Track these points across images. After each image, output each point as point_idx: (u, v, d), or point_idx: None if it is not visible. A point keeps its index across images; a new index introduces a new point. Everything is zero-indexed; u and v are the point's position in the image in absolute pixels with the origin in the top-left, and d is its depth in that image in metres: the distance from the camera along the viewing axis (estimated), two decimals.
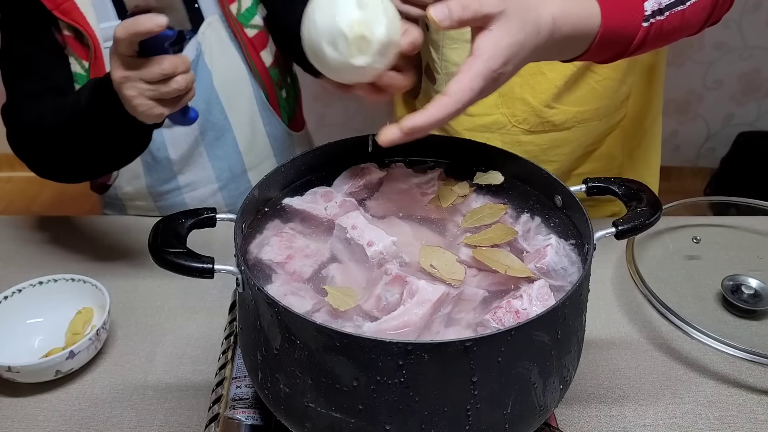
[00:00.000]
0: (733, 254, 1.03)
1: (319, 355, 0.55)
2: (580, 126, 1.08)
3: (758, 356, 0.80)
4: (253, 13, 1.11)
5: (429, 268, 0.64)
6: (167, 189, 1.17)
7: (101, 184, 1.19)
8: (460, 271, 0.64)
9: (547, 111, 1.06)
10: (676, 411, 0.81)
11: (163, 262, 0.61)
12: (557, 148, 1.11)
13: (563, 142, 1.10)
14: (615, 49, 0.73)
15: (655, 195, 0.70)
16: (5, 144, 1.02)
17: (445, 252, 0.66)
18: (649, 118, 1.17)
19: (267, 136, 1.20)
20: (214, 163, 1.17)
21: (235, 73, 1.12)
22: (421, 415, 0.56)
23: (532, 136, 1.09)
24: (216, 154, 1.16)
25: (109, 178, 1.16)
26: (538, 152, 1.11)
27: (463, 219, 0.73)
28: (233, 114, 1.14)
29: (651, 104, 1.16)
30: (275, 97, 1.18)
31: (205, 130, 1.13)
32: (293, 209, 0.75)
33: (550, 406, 0.63)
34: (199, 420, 0.79)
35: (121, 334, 0.92)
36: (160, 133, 1.11)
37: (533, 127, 1.08)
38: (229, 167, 1.18)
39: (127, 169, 1.14)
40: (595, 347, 0.89)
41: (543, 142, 1.10)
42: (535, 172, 0.75)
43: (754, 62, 2.62)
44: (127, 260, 1.04)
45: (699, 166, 2.90)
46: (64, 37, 1.00)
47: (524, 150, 1.11)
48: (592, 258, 0.63)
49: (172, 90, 0.77)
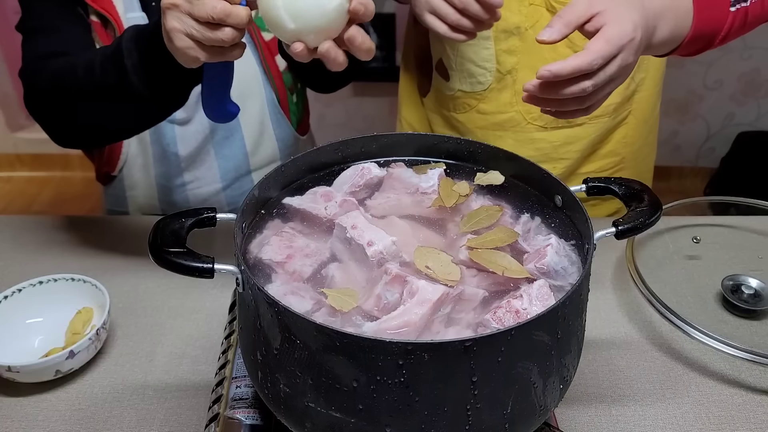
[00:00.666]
0: (733, 254, 1.03)
1: (319, 355, 0.55)
2: (591, 123, 1.10)
3: (758, 356, 0.80)
4: None
5: (424, 269, 0.64)
6: (172, 184, 1.17)
7: (106, 174, 1.19)
8: (456, 272, 0.64)
9: None
10: (676, 411, 0.81)
11: (163, 261, 0.61)
12: (569, 145, 1.12)
13: (575, 139, 1.12)
14: (707, 33, 0.84)
15: (655, 195, 0.70)
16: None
17: (440, 253, 0.66)
18: (652, 116, 1.19)
19: (275, 139, 1.20)
20: (220, 162, 1.17)
21: (249, 74, 1.13)
22: (421, 415, 0.56)
23: (545, 133, 1.10)
24: (223, 153, 1.17)
25: (114, 168, 1.16)
26: (550, 149, 1.12)
27: (461, 223, 0.72)
28: (244, 115, 1.15)
29: (655, 102, 1.18)
30: (286, 101, 1.19)
31: (214, 128, 1.14)
32: (293, 209, 0.75)
33: (550, 406, 0.63)
34: (199, 420, 0.79)
35: (121, 334, 0.92)
36: (171, 128, 1.11)
37: (547, 123, 1.10)
38: (235, 167, 1.19)
39: (137, 159, 1.14)
40: (595, 347, 0.89)
41: (555, 139, 1.11)
42: (535, 172, 0.75)
43: (754, 62, 2.62)
44: (127, 260, 1.04)
45: (699, 166, 2.90)
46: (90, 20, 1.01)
47: (536, 147, 1.12)
48: (592, 258, 0.63)
49: (216, 38, 0.70)
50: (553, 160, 1.14)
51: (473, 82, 1.10)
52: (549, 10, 1.01)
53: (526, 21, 1.02)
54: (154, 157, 1.14)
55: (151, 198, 1.19)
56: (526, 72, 1.06)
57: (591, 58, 0.71)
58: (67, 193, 2.92)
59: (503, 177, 0.78)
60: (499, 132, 1.13)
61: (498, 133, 1.13)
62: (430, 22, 0.92)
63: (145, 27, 0.81)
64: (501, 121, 1.11)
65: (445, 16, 0.90)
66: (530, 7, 1.01)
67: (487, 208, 0.74)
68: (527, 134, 1.11)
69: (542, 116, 1.08)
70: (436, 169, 0.80)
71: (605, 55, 0.72)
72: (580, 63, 0.71)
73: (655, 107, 1.19)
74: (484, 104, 1.11)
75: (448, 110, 1.17)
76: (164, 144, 1.12)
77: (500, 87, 1.09)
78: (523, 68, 1.06)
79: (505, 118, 1.11)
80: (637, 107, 1.14)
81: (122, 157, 1.14)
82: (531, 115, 1.09)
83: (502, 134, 1.13)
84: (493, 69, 1.07)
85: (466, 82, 1.11)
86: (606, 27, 0.73)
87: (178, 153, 1.13)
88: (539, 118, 1.09)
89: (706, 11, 0.82)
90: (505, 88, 1.09)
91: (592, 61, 0.71)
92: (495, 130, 1.13)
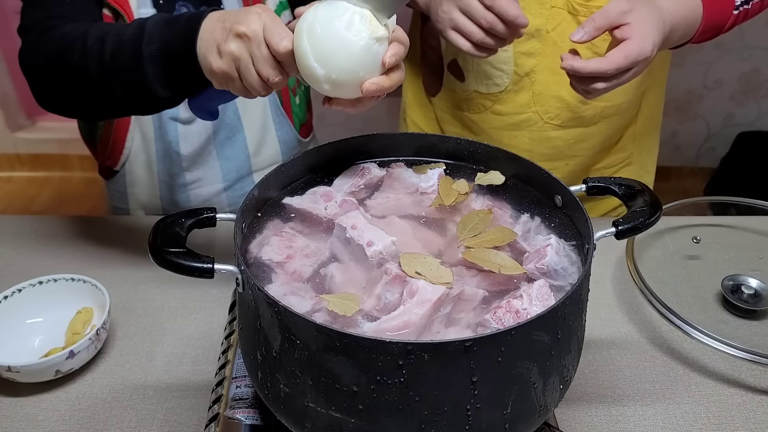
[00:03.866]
0: (733, 254, 1.03)
1: (319, 355, 0.55)
2: (605, 121, 1.12)
3: (758, 356, 0.80)
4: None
5: (415, 275, 0.64)
6: (174, 183, 1.17)
7: (108, 168, 1.18)
8: (447, 274, 0.64)
9: (580, 106, 1.08)
10: (676, 411, 0.81)
11: (163, 262, 0.61)
12: (582, 143, 1.13)
13: (588, 137, 1.13)
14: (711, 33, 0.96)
15: (655, 195, 0.70)
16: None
17: (425, 257, 0.66)
18: (658, 112, 1.21)
19: (277, 141, 1.20)
20: (222, 163, 1.17)
21: None
22: (421, 415, 0.56)
23: (561, 131, 1.11)
24: (225, 153, 1.16)
25: (117, 163, 1.16)
26: (565, 147, 1.13)
27: (458, 230, 0.72)
28: (246, 115, 1.14)
29: (660, 98, 1.21)
30: (289, 102, 1.19)
31: (217, 129, 1.14)
32: (293, 209, 0.75)
33: (550, 406, 0.63)
34: (199, 420, 0.79)
35: (121, 334, 0.92)
36: (174, 126, 1.11)
37: (564, 122, 1.10)
38: (236, 168, 1.18)
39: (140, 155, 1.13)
40: (595, 347, 0.89)
41: (570, 137, 1.12)
42: (535, 172, 0.75)
43: (754, 62, 2.62)
44: (127, 260, 1.04)
45: (699, 166, 2.90)
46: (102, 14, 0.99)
47: (552, 145, 1.13)
48: (592, 258, 0.63)
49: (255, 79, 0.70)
50: (567, 157, 1.14)
51: (489, 84, 1.10)
52: (570, 13, 1.01)
53: (548, 23, 1.02)
54: (157, 155, 1.14)
55: (153, 196, 1.19)
56: (544, 74, 1.06)
57: (608, 66, 0.83)
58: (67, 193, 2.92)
59: (504, 177, 0.78)
60: (514, 132, 1.13)
61: (514, 133, 1.13)
62: (454, 39, 0.91)
63: (175, 20, 0.77)
64: (517, 122, 1.12)
65: (470, 35, 0.89)
66: (552, 10, 1.01)
67: (479, 212, 0.73)
68: (543, 133, 1.12)
69: (559, 115, 1.09)
70: (436, 169, 0.80)
71: (621, 67, 0.83)
72: (598, 68, 0.84)
73: (660, 103, 1.21)
74: (500, 105, 1.11)
75: (461, 110, 1.17)
76: (167, 141, 1.12)
77: (517, 89, 1.08)
78: (542, 70, 1.06)
79: (522, 118, 1.11)
80: (645, 104, 1.17)
81: (125, 151, 1.14)
82: (548, 114, 1.10)
83: (517, 134, 1.13)
84: (510, 71, 1.07)
85: (482, 83, 1.10)
86: (629, 42, 0.83)
87: (180, 152, 1.13)
88: (556, 117, 1.10)
89: (712, 17, 0.94)
90: (522, 90, 1.08)
91: (608, 70, 0.83)
92: (510, 129, 1.13)
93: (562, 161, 1.15)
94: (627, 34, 0.84)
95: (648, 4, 0.87)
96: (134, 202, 1.20)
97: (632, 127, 1.17)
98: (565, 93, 1.06)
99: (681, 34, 0.93)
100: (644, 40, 0.84)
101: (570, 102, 1.08)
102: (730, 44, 2.55)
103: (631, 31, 0.84)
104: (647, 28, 0.84)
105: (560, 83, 1.06)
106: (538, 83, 1.07)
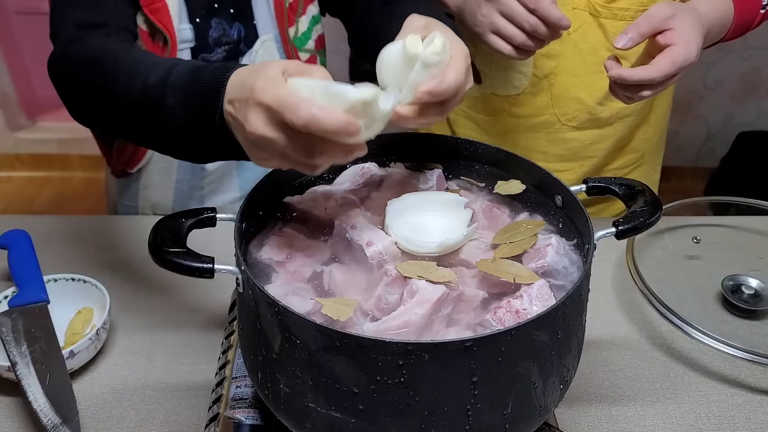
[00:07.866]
0: (733, 254, 1.03)
1: (319, 355, 0.55)
2: (620, 121, 1.12)
3: (758, 356, 0.80)
4: (308, 37, 1.11)
5: (417, 278, 0.63)
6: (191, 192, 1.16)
7: (121, 170, 1.18)
8: (448, 273, 0.64)
9: (598, 108, 1.09)
10: (676, 411, 0.81)
11: (163, 262, 0.61)
12: (598, 143, 1.13)
13: (604, 138, 1.13)
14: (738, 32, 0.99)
15: (656, 195, 0.70)
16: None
17: (421, 262, 0.66)
18: (668, 112, 1.21)
19: None
20: (240, 173, 1.17)
21: None
22: (421, 415, 0.56)
23: (578, 132, 1.12)
24: (245, 164, 1.16)
25: (133, 167, 1.15)
26: (580, 148, 1.14)
27: (495, 235, 0.71)
28: None
29: (671, 99, 1.21)
30: None
31: None
32: (293, 209, 0.75)
33: (550, 406, 0.63)
34: (199, 420, 0.79)
35: (121, 334, 0.92)
36: None
37: (581, 124, 1.11)
38: (254, 179, 1.17)
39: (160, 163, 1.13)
40: (595, 347, 0.89)
41: (586, 138, 1.12)
42: (535, 171, 0.75)
43: (754, 62, 2.62)
44: (127, 260, 1.04)
45: (699, 166, 2.90)
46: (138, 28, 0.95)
47: (568, 146, 1.13)
48: (592, 258, 0.63)
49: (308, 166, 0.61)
50: (582, 158, 1.15)
51: (507, 86, 1.10)
52: (592, 14, 1.01)
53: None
54: (180, 165, 1.13)
55: (166, 199, 1.19)
56: (564, 76, 1.06)
57: (656, 74, 0.82)
58: (67, 193, 2.92)
59: (524, 186, 0.77)
60: (531, 134, 1.13)
61: (530, 135, 1.13)
62: (494, 43, 0.90)
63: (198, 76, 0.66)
64: (534, 124, 1.12)
65: (512, 38, 0.88)
66: (573, 12, 1.00)
67: (527, 223, 0.72)
68: (560, 134, 1.12)
69: (577, 117, 1.09)
70: (435, 169, 0.80)
71: (668, 74, 0.83)
72: (645, 76, 0.82)
73: (669, 103, 1.22)
74: (517, 108, 1.11)
75: (476, 111, 1.17)
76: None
77: (535, 91, 1.08)
78: (562, 72, 1.06)
79: (540, 120, 1.11)
80: (657, 105, 1.17)
81: (144, 159, 1.13)
82: (566, 116, 1.09)
83: (534, 135, 1.13)
84: (529, 73, 1.07)
85: (501, 86, 1.10)
86: (674, 48, 0.82)
87: (205, 167, 1.13)
88: (574, 119, 1.10)
89: (742, 18, 0.96)
90: (540, 92, 1.08)
91: (655, 77, 0.82)
92: (527, 131, 1.13)
93: (578, 162, 1.15)
94: (672, 40, 0.83)
95: (688, 8, 0.86)
96: (144, 201, 1.20)
97: (644, 126, 1.17)
98: (584, 95, 1.06)
99: (714, 35, 0.93)
100: (689, 45, 0.83)
101: (588, 103, 1.07)
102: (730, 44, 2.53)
103: (675, 36, 0.83)
104: (691, 33, 0.83)
105: (579, 85, 1.06)
106: (557, 85, 1.07)
